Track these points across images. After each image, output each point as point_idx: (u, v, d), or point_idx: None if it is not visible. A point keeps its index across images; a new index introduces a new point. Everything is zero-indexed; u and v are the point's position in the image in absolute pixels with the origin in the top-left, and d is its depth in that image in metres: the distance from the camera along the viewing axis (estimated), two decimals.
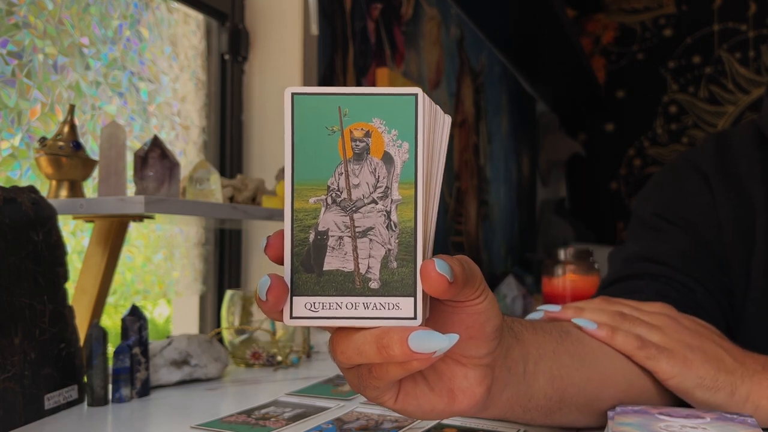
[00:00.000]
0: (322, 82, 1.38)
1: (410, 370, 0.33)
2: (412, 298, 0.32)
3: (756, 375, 0.50)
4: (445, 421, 0.58)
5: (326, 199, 0.33)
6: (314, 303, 0.32)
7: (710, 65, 3.24)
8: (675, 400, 0.52)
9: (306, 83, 1.32)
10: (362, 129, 0.33)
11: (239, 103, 1.34)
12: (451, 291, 0.32)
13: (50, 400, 0.63)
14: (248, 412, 0.63)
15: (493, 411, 0.42)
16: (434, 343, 0.31)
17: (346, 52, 1.49)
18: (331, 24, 1.42)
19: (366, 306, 0.32)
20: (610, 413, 0.46)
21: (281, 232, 0.33)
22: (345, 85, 1.48)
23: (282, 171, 1.14)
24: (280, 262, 0.33)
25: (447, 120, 0.35)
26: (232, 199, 1.04)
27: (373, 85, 1.61)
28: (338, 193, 0.33)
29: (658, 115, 3.36)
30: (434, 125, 0.34)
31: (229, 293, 0.94)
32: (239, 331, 0.92)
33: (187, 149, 1.22)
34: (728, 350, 0.52)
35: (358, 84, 1.54)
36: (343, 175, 0.33)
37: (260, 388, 0.76)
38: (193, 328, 1.27)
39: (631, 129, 3.42)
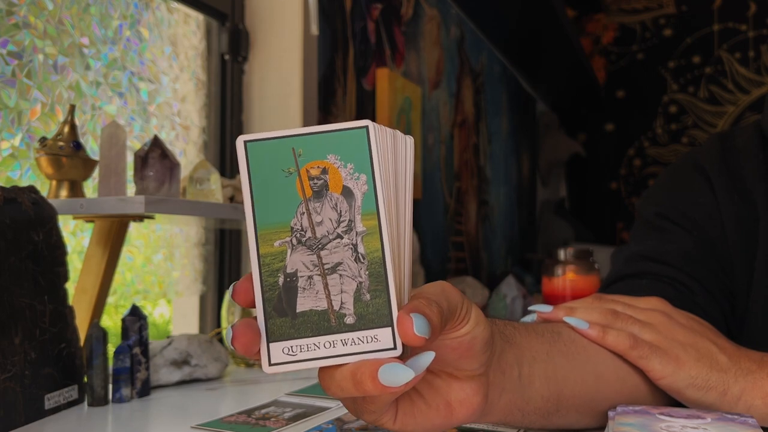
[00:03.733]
0: (322, 82, 1.38)
1: (397, 394, 0.33)
2: (389, 328, 0.32)
3: (750, 374, 0.49)
4: None
5: (291, 240, 0.33)
6: (292, 347, 0.32)
7: (710, 65, 3.24)
8: (668, 398, 0.52)
9: (306, 83, 1.32)
10: (318, 167, 0.33)
11: (239, 103, 1.34)
12: (430, 342, 0.32)
13: (50, 400, 0.63)
14: (248, 412, 0.63)
15: (493, 417, 0.42)
16: (401, 376, 0.31)
17: (346, 52, 1.49)
18: (331, 24, 1.42)
19: (344, 342, 0.32)
20: (610, 413, 0.46)
21: (249, 276, 0.33)
22: (345, 85, 1.48)
23: None
24: (251, 306, 0.33)
25: (409, 141, 0.35)
26: (232, 199, 1.04)
27: (373, 85, 1.61)
28: (302, 232, 0.33)
29: (658, 115, 3.36)
30: (395, 150, 0.34)
31: (229, 293, 0.94)
32: None
33: (187, 149, 1.22)
34: (723, 348, 0.51)
35: (358, 84, 1.54)
36: (305, 214, 0.33)
37: (260, 388, 0.76)
38: (193, 328, 1.27)
39: (631, 129, 3.42)
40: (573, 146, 3.43)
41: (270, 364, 0.32)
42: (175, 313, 1.32)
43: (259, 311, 0.32)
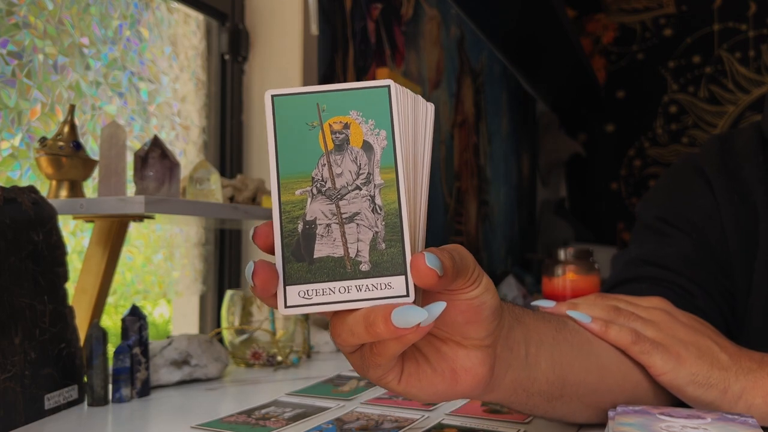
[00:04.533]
0: (322, 82, 1.38)
1: (406, 343, 0.34)
2: (403, 276, 0.33)
3: (751, 373, 0.49)
4: (446, 421, 0.58)
5: (311, 189, 0.34)
6: (307, 290, 0.33)
7: (710, 65, 3.24)
8: (670, 395, 0.52)
9: (306, 83, 1.32)
10: (341, 122, 0.35)
11: (239, 103, 1.34)
12: (441, 284, 0.32)
13: (50, 400, 0.63)
14: (248, 412, 0.63)
15: (498, 394, 0.42)
16: (414, 316, 0.31)
17: (346, 52, 1.49)
18: (331, 24, 1.42)
19: (359, 288, 0.33)
20: (610, 413, 0.46)
21: (270, 223, 0.34)
22: None
23: None
24: (269, 250, 0.34)
25: (429, 108, 0.37)
26: (232, 199, 1.04)
27: None
28: (323, 183, 0.34)
29: (658, 116, 3.36)
30: (416, 112, 0.36)
31: (229, 293, 0.94)
32: (239, 331, 0.92)
33: (187, 149, 1.22)
34: (724, 347, 0.51)
35: None
36: (326, 165, 0.34)
37: (260, 388, 0.76)
38: (193, 328, 1.27)
39: (631, 129, 3.42)
40: (573, 146, 3.43)
41: (286, 306, 0.33)
42: (175, 313, 1.32)
43: (277, 255, 0.34)
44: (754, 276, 0.64)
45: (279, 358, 0.89)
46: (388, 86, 0.35)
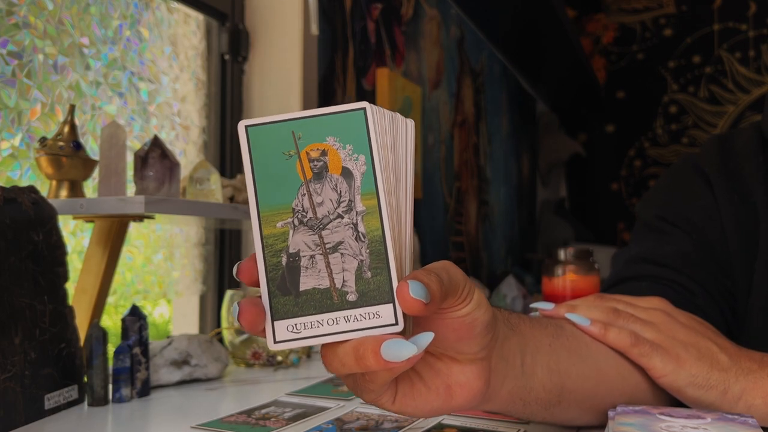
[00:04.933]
0: (322, 82, 1.38)
1: (397, 373, 0.33)
2: (391, 305, 0.33)
3: (751, 374, 0.49)
4: (446, 421, 0.58)
5: (293, 221, 0.34)
6: (296, 324, 0.33)
7: (710, 65, 3.24)
8: (669, 397, 0.52)
9: (306, 83, 1.32)
10: (318, 149, 0.34)
11: (239, 103, 1.34)
12: (429, 310, 0.32)
13: (50, 400, 0.63)
14: (248, 412, 0.63)
15: (495, 404, 0.42)
16: (404, 351, 0.31)
17: (346, 52, 1.49)
18: (331, 24, 1.42)
19: (347, 319, 0.33)
20: (610, 413, 0.46)
21: (253, 257, 0.34)
22: (345, 85, 1.48)
23: None
24: (255, 285, 0.34)
25: (410, 124, 0.36)
26: (232, 199, 1.04)
27: (373, 85, 1.61)
28: (304, 213, 0.34)
29: (659, 116, 3.36)
30: (394, 132, 0.35)
31: (229, 293, 0.94)
32: (239, 331, 0.92)
33: (187, 149, 1.22)
34: (723, 348, 0.51)
35: (358, 84, 1.54)
36: (306, 195, 0.34)
37: (260, 388, 0.76)
38: (193, 328, 1.27)
39: (632, 129, 3.42)
40: (573, 146, 3.43)
41: (275, 342, 0.33)
42: (175, 313, 1.32)
43: (263, 290, 0.33)
44: (755, 276, 0.64)
45: (279, 358, 0.89)
46: (364, 109, 0.34)
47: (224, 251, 1.30)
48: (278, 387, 0.76)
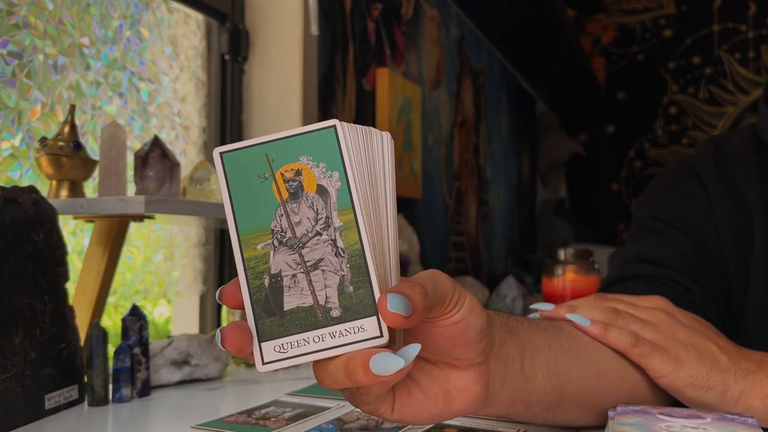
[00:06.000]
0: (322, 82, 1.38)
1: (389, 385, 0.34)
2: (375, 317, 0.33)
3: (750, 375, 0.49)
4: (446, 421, 0.58)
5: (273, 242, 0.34)
6: (282, 344, 0.33)
7: (710, 66, 3.24)
8: (668, 397, 0.52)
9: (306, 83, 1.32)
10: (292, 169, 0.34)
11: (239, 103, 1.34)
12: (411, 322, 0.32)
13: (51, 400, 0.63)
14: (248, 412, 0.63)
15: (496, 408, 0.42)
16: (392, 364, 0.31)
17: (346, 52, 1.49)
18: (331, 24, 1.42)
19: (332, 335, 0.33)
20: (610, 413, 0.46)
21: (236, 281, 0.34)
22: (345, 85, 1.48)
23: None
24: (240, 308, 0.34)
25: (386, 137, 0.36)
26: None
27: (373, 85, 1.61)
28: (283, 233, 0.34)
29: (658, 116, 3.36)
30: (370, 146, 0.35)
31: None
32: None
33: (187, 149, 1.22)
34: (723, 348, 0.51)
35: (358, 84, 1.54)
36: (284, 215, 0.34)
37: (260, 388, 0.76)
38: (193, 328, 1.27)
39: (631, 130, 3.42)
40: (573, 146, 3.43)
41: (263, 363, 0.33)
42: (175, 313, 1.32)
43: (248, 313, 0.34)
44: (750, 275, 0.64)
45: None
46: (334, 126, 0.34)
47: (224, 251, 1.30)
48: (278, 387, 0.76)
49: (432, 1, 1.99)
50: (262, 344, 0.33)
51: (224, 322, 0.93)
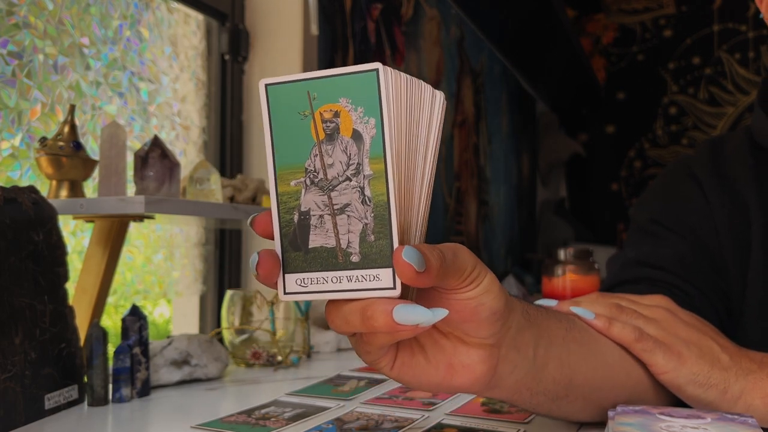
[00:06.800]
0: None
1: (396, 338, 0.34)
2: (390, 269, 0.33)
3: (751, 374, 0.50)
4: (446, 421, 0.58)
5: (305, 180, 0.34)
6: (303, 279, 0.34)
7: (710, 66, 3.24)
8: (670, 395, 0.52)
9: None
10: (331, 110, 0.34)
11: (239, 103, 1.34)
12: (421, 280, 0.32)
13: (50, 400, 0.63)
14: (248, 412, 0.63)
15: (501, 392, 0.42)
16: (417, 316, 0.32)
17: (346, 52, 1.49)
18: (331, 24, 1.42)
19: (349, 279, 0.34)
20: (610, 413, 0.46)
21: (268, 211, 0.35)
22: None
23: None
24: (267, 236, 0.35)
25: (439, 96, 0.35)
26: (232, 199, 1.04)
27: None
28: (315, 174, 0.34)
29: (658, 117, 3.36)
30: (413, 97, 0.35)
31: (229, 293, 0.94)
32: (239, 331, 0.92)
33: (187, 149, 1.22)
34: (724, 347, 0.52)
35: None
36: (318, 156, 0.34)
37: (260, 388, 0.76)
38: (193, 328, 1.27)
39: (632, 130, 3.42)
40: (573, 146, 3.43)
41: (285, 293, 0.34)
42: (175, 313, 1.32)
43: (276, 244, 0.35)
44: (748, 275, 0.64)
45: (279, 358, 0.89)
46: (376, 70, 0.33)
47: (224, 251, 1.30)
48: (278, 387, 0.76)
49: (432, 1, 1.99)
50: (286, 275, 0.34)
51: (224, 323, 0.93)
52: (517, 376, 0.41)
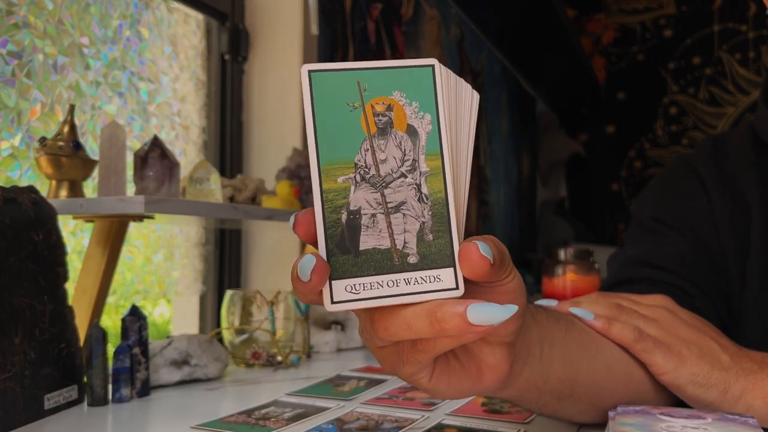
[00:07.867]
0: None
1: (460, 342, 0.32)
2: (452, 269, 0.32)
3: (751, 374, 0.50)
4: (446, 421, 0.58)
5: (355, 176, 0.32)
6: (354, 285, 0.31)
7: (710, 66, 3.24)
8: (671, 396, 0.52)
9: None
10: (383, 103, 0.32)
11: (239, 103, 1.34)
12: (491, 273, 0.31)
13: (50, 400, 0.63)
14: (248, 412, 0.63)
15: (512, 391, 0.42)
16: (493, 315, 0.30)
17: (346, 52, 1.49)
18: (331, 24, 1.42)
19: (407, 282, 0.31)
20: (610, 413, 0.46)
21: (311, 210, 0.32)
22: None
23: (282, 171, 1.14)
24: (310, 240, 0.32)
25: (475, 95, 0.35)
26: (232, 199, 1.04)
27: None
28: (366, 169, 0.32)
29: (659, 117, 3.36)
30: (457, 96, 0.34)
31: (229, 293, 0.94)
32: (239, 331, 0.92)
33: (187, 149, 1.22)
34: (725, 347, 0.52)
35: None
36: (370, 151, 0.32)
37: (260, 388, 0.76)
38: (193, 328, 1.27)
39: (632, 130, 3.42)
40: (573, 146, 3.43)
41: (333, 302, 0.31)
42: (175, 313, 1.32)
43: (321, 248, 0.31)
44: (747, 275, 0.64)
45: (279, 358, 0.89)
46: (433, 66, 0.32)
47: (224, 251, 1.30)
48: (278, 387, 0.76)
49: (432, 1, 1.99)
50: (333, 282, 0.31)
51: (224, 323, 0.93)
52: (527, 374, 0.41)
